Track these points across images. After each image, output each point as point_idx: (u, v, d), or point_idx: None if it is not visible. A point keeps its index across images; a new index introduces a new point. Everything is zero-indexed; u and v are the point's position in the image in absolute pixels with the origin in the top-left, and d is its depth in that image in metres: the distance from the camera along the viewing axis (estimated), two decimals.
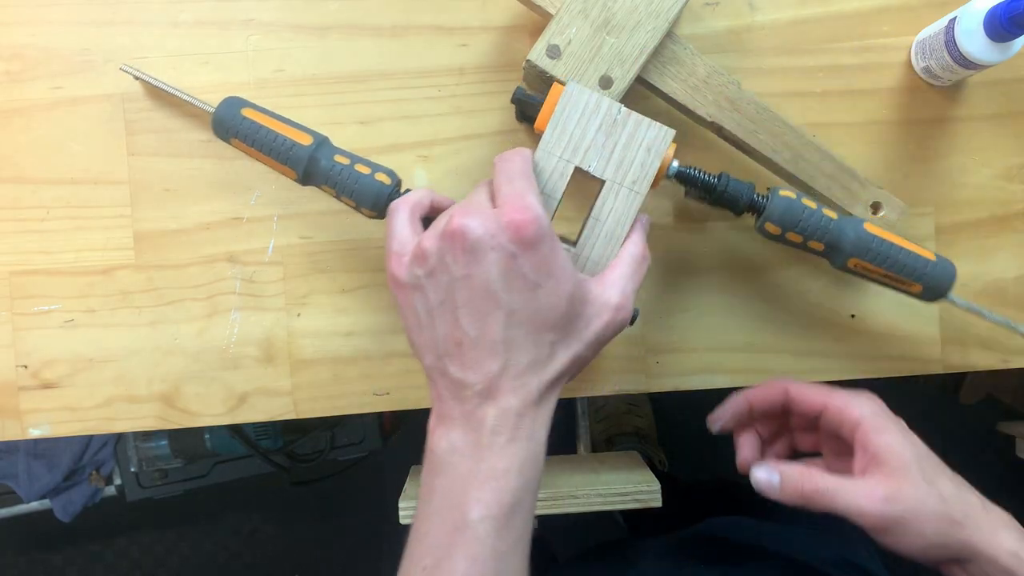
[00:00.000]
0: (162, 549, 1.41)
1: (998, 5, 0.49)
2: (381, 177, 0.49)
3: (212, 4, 0.59)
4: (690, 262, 0.60)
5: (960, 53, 0.52)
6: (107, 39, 0.59)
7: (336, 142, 0.59)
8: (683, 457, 1.18)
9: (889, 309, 0.60)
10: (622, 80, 0.51)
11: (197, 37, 0.59)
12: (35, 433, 0.59)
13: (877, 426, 0.43)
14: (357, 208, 0.49)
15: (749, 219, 0.51)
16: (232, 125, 0.50)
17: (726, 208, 0.51)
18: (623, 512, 1.00)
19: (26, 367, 0.59)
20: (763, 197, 0.50)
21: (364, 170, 0.49)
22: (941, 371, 0.60)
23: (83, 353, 0.59)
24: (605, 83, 0.51)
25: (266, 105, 0.59)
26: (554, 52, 0.51)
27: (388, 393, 0.60)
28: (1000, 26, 0.49)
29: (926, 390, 1.34)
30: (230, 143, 0.50)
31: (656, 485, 0.57)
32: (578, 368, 0.42)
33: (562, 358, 0.41)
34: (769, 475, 0.46)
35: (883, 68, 0.59)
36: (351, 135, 0.59)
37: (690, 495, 0.90)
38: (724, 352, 0.60)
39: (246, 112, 0.50)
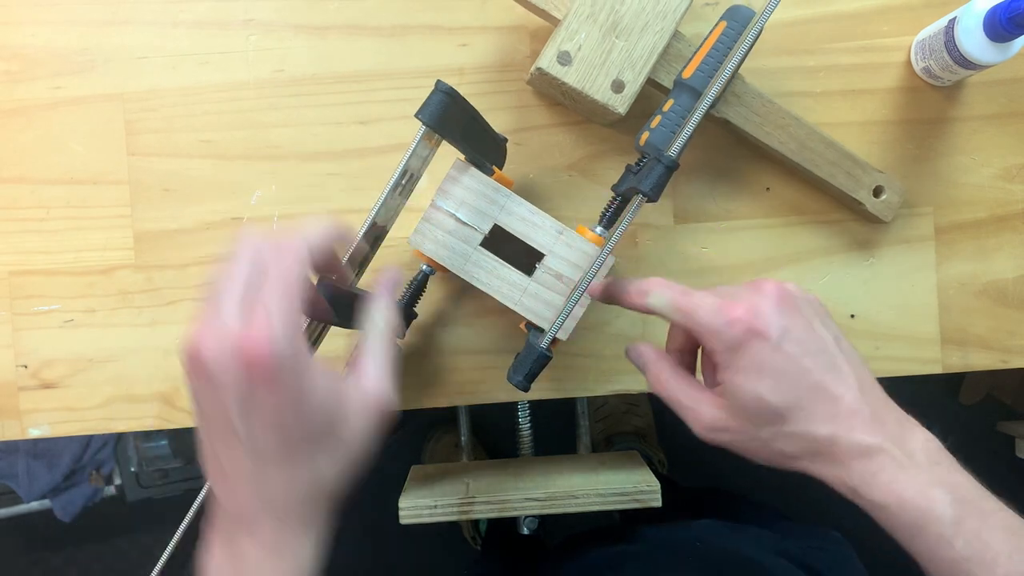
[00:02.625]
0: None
1: (998, 5, 0.49)
2: None
3: (212, 4, 0.59)
4: (690, 262, 0.60)
5: (960, 53, 0.52)
6: (107, 39, 0.59)
7: (336, 142, 0.59)
8: (683, 457, 1.18)
9: (889, 309, 0.60)
10: (634, 83, 0.51)
11: (197, 37, 0.59)
12: (35, 433, 0.59)
13: (723, 362, 0.41)
14: None
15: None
16: None
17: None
18: (621, 512, 1.00)
19: (26, 367, 0.59)
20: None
21: None
22: (941, 371, 0.60)
23: (83, 353, 0.59)
24: (617, 87, 0.51)
25: (266, 105, 0.59)
26: (565, 59, 0.51)
27: None
28: (1000, 26, 0.49)
29: (926, 390, 1.34)
30: None
31: (656, 485, 0.57)
32: (351, 468, 0.39)
33: (327, 470, 0.38)
34: (636, 357, 0.47)
35: (883, 68, 0.59)
36: (351, 135, 0.59)
37: (688, 501, 0.91)
38: None
39: None
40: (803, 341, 0.40)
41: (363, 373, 0.40)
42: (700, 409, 0.43)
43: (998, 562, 0.37)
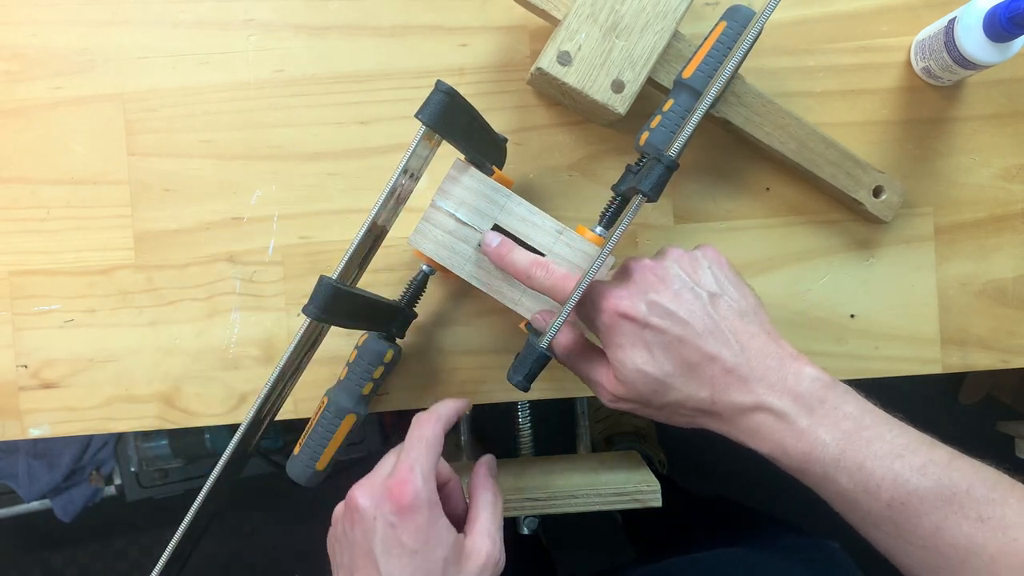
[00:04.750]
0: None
1: (998, 5, 0.49)
2: None
3: (212, 4, 0.59)
4: None
5: (960, 53, 0.52)
6: (107, 39, 0.59)
7: (336, 142, 0.59)
8: (683, 457, 1.18)
9: (889, 309, 0.60)
10: (634, 83, 0.51)
11: (197, 37, 0.59)
12: (35, 433, 0.59)
13: (604, 341, 0.45)
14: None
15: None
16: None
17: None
18: (622, 512, 1.00)
19: (26, 367, 0.59)
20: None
21: None
22: (941, 371, 0.60)
23: (83, 353, 0.59)
24: (617, 87, 0.51)
25: (266, 105, 0.59)
26: (565, 59, 0.51)
27: (388, 393, 0.60)
28: (1000, 26, 0.49)
29: (926, 390, 1.34)
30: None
31: (656, 485, 0.57)
32: None
33: None
34: (541, 329, 0.48)
35: (883, 68, 0.59)
36: (351, 135, 0.59)
37: (688, 509, 0.91)
38: None
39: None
40: (671, 313, 0.43)
41: (479, 533, 0.46)
42: (602, 382, 0.46)
43: (882, 487, 0.39)
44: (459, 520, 0.48)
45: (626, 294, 0.44)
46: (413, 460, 0.44)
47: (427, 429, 0.46)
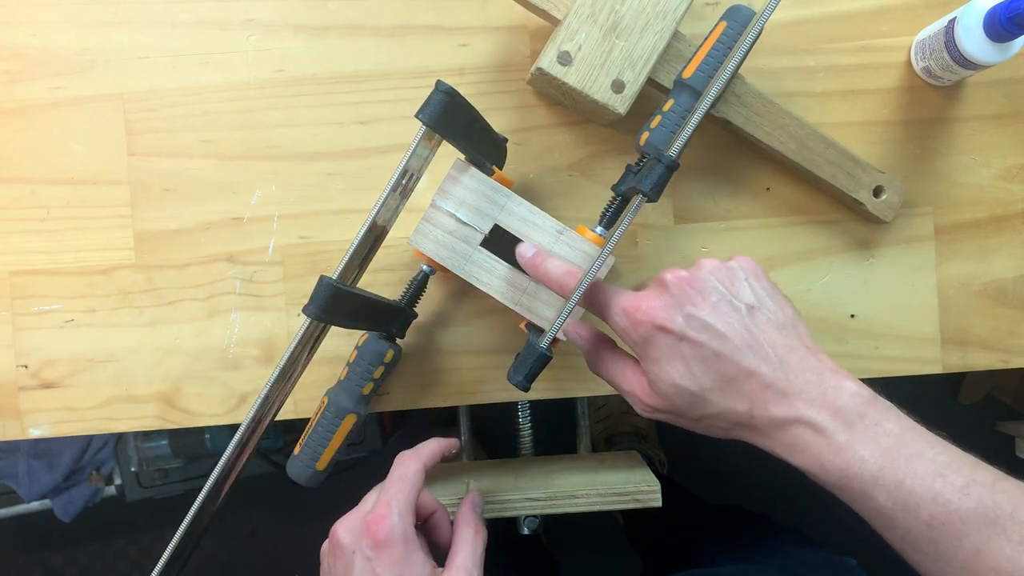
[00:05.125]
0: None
1: (998, 5, 0.49)
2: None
3: (212, 4, 0.59)
4: (690, 262, 0.60)
5: (960, 53, 0.52)
6: (107, 39, 0.59)
7: (336, 142, 0.59)
8: (683, 457, 1.18)
9: (889, 309, 0.60)
10: (634, 83, 0.51)
11: (197, 37, 0.59)
12: (35, 433, 0.59)
13: (639, 355, 0.44)
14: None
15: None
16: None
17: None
18: (623, 512, 1.00)
19: (26, 367, 0.59)
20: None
21: None
22: (941, 371, 0.60)
23: (83, 353, 0.59)
24: (617, 87, 0.51)
25: (266, 105, 0.59)
26: (565, 59, 0.51)
27: (388, 393, 0.60)
28: (1000, 26, 0.49)
29: (926, 390, 1.34)
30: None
31: (656, 485, 0.57)
32: None
33: None
34: (575, 339, 0.49)
35: (883, 68, 0.59)
36: (351, 135, 0.59)
37: (690, 509, 0.91)
38: None
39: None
40: (709, 326, 0.42)
41: (457, 567, 0.47)
42: (636, 393, 0.46)
43: (921, 506, 0.38)
44: (446, 548, 0.49)
45: (662, 306, 0.43)
46: (391, 496, 0.46)
47: (408, 467, 0.48)
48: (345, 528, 0.46)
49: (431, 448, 0.51)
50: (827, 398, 0.41)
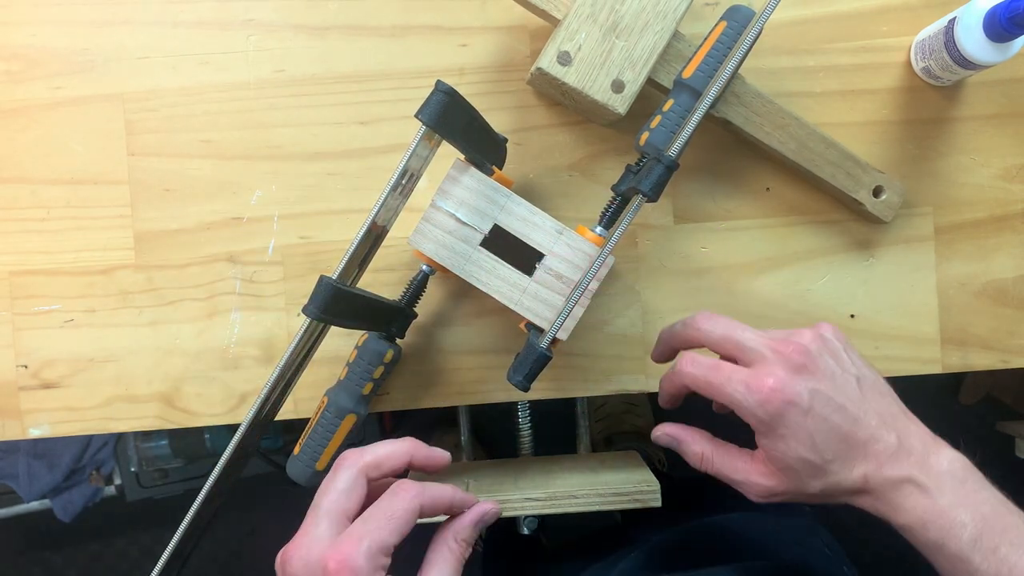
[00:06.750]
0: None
1: (998, 5, 0.49)
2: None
3: (212, 4, 0.59)
4: (690, 262, 0.60)
5: (960, 53, 0.52)
6: (107, 39, 0.59)
7: (336, 142, 0.59)
8: (683, 457, 1.18)
9: (889, 309, 0.60)
10: (634, 83, 0.51)
11: (197, 37, 0.59)
12: (35, 433, 0.59)
13: (761, 431, 0.45)
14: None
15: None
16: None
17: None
18: (622, 512, 1.00)
19: (26, 367, 0.59)
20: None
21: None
22: (941, 371, 0.60)
23: (83, 353, 0.59)
24: (617, 87, 0.51)
25: (266, 105, 0.59)
26: (565, 59, 0.51)
27: (388, 393, 0.60)
28: (1000, 26, 0.49)
29: (926, 390, 1.34)
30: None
31: (656, 485, 0.57)
32: None
33: None
34: (668, 442, 0.50)
35: (883, 68, 0.59)
36: (351, 135, 0.59)
37: (686, 492, 0.90)
38: None
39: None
40: (830, 400, 0.43)
41: None
42: (751, 480, 0.46)
43: (1015, 573, 0.40)
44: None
45: (789, 380, 0.43)
46: (366, 533, 0.39)
47: (401, 503, 0.41)
48: (301, 554, 0.40)
49: (438, 493, 0.43)
50: (929, 462, 0.43)
